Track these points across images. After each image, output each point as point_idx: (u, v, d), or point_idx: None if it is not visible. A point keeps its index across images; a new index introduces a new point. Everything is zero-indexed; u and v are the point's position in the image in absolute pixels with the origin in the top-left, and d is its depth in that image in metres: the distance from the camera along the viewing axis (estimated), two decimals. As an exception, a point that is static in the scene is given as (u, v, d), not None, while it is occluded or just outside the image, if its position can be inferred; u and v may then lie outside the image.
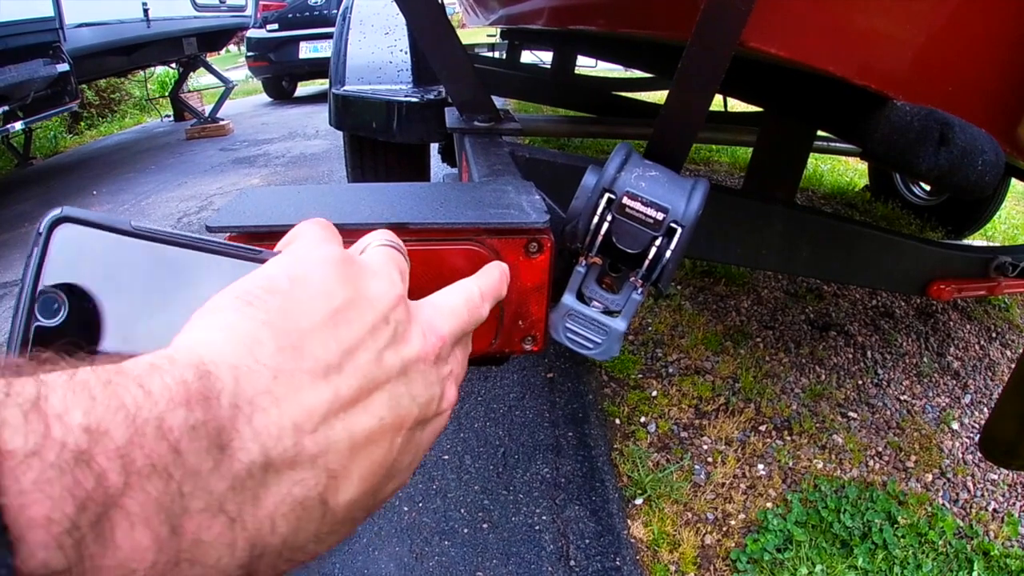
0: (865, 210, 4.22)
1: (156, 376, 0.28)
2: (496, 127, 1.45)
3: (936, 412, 2.39)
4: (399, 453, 0.40)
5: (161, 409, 0.27)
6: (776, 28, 0.98)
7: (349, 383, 0.36)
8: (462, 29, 8.87)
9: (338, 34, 2.47)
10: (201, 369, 0.30)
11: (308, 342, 0.36)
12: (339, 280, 0.40)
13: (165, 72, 10.05)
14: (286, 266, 0.39)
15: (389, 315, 0.41)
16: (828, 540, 1.82)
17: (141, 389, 0.27)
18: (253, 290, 0.37)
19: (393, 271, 0.45)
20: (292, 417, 0.33)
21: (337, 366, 0.36)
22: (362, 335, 0.39)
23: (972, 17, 1.01)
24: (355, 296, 0.40)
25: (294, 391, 0.34)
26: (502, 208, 0.82)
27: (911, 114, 1.05)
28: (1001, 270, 1.72)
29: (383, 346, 0.40)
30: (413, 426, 0.41)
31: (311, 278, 0.39)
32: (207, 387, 0.30)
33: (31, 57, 4.57)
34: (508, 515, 1.92)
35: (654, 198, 0.82)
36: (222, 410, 0.30)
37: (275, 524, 0.31)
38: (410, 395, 0.40)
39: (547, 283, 0.82)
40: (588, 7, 1.57)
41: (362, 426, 0.37)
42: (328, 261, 0.41)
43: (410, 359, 0.41)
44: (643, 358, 2.63)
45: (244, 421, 0.31)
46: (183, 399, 0.28)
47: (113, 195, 5.44)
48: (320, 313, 0.38)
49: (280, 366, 0.34)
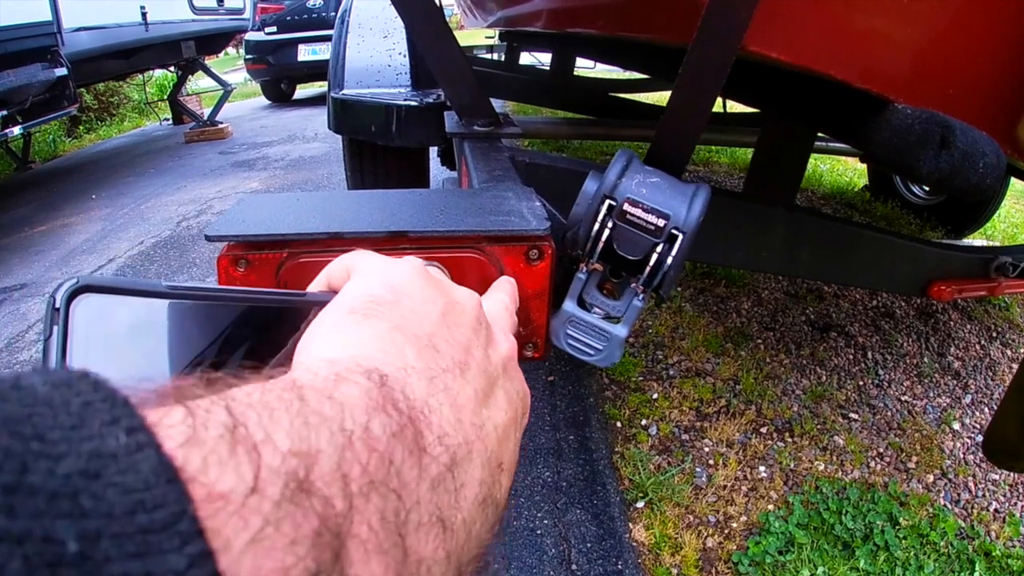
0: (865, 210, 4.21)
1: (344, 387, 0.27)
2: (496, 131, 1.45)
3: (937, 412, 2.39)
4: (515, 447, 0.40)
5: (363, 420, 0.26)
6: (777, 32, 0.98)
7: (478, 379, 0.37)
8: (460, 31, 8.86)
9: (336, 38, 2.47)
10: (375, 375, 0.29)
11: (438, 342, 0.36)
12: (433, 287, 0.41)
13: (164, 75, 10.05)
14: (379, 281, 0.40)
15: (481, 318, 0.43)
16: (830, 542, 1.82)
17: (334, 403, 0.26)
18: (364, 305, 0.37)
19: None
20: (456, 413, 0.33)
21: (465, 363, 0.37)
22: (469, 335, 0.40)
23: (972, 20, 1.01)
24: (451, 301, 0.41)
25: (448, 391, 0.34)
26: (502, 215, 0.81)
27: (912, 117, 1.05)
28: (1001, 270, 1.72)
29: (485, 344, 0.41)
30: (520, 419, 0.42)
31: (411, 287, 0.40)
32: (388, 392, 0.29)
33: (29, 61, 4.58)
34: (509, 519, 1.91)
35: (655, 204, 0.82)
36: (410, 412, 0.29)
37: (470, 526, 0.31)
38: (514, 390, 0.42)
39: (548, 290, 0.81)
40: (587, 10, 1.57)
41: (498, 419, 0.37)
42: (416, 271, 0.41)
43: (506, 355, 0.43)
44: (644, 360, 2.62)
45: (426, 423, 0.30)
46: (378, 405, 0.27)
47: (112, 199, 5.44)
48: (434, 316, 0.38)
49: (428, 367, 0.34)
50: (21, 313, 3.44)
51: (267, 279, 0.73)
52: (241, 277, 0.73)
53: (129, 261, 4.01)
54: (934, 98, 1.06)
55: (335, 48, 2.41)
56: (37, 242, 4.51)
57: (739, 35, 0.82)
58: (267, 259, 0.73)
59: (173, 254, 4.07)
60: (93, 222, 4.85)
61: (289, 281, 0.74)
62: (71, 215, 5.08)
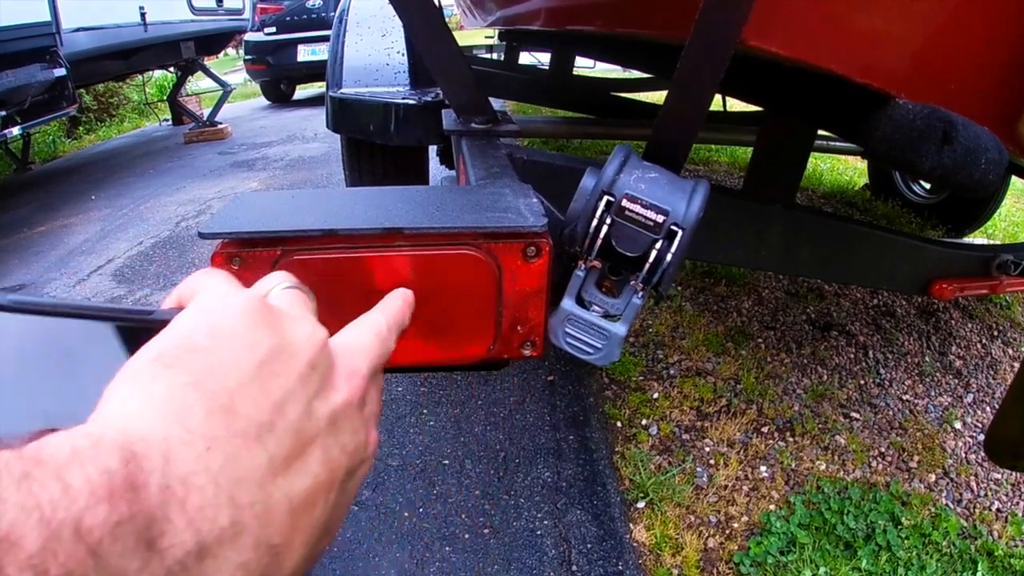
0: (865, 209, 4.21)
1: (77, 467, 0.25)
2: (493, 129, 1.44)
3: (939, 412, 2.38)
4: (333, 509, 0.38)
5: (80, 507, 0.24)
6: (777, 26, 0.97)
7: (282, 443, 0.34)
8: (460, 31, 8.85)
9: (335, 37, 2.47)
10: (127, 451, 0.27)
11: (239, 402, 0.33)
12: (261, 329, 0.38)
13: (163, 76, 10.05)
14: (202, 321, 0.37)
15: (316, 362, 0.39)
16: (832, 542, 1.81)
17: (60, 483, 0.24)
18: (171, 350, 0.34)
19: (308, 314, 0.43)
20: (228, 491, 0.30)
21: (269, 424, 0.34)
22: (291, 386, 0.36)
23: (973, 14, 1.00)
24: (281, 343, 0.38)
25: (229, 461, 0.31)
26: (499, 212, 0.81)
27: (913, 112, 1.04)
28: (1003, 268, 1.71)
29: (312, 396, 0.38)
30: (344, 477, 0.39)
31: (232, 329, 0.36)
32: (134, 473, 0.27)
33: (28, 62, 4.57)
34: (509, 520, 1.91)
35: (654, 200, 0.81)
36: (151, 498, 0.27)
37: None
38: (340, 445, 0.39)
39: (545, 287, 0.81)
40: (585, 7, 1.56)
41: (299, 487, 0.34)
42: (247, 310, 0.38)
43: (338, 407, 0.39)
44: (644, 360, 2.62)
45: (177, 507, 0.28)
46: (106, 492, 0.25)
47: (111, 200, 5.44)
48: (247, 367, 0.35)
49: (212, 433, 0.31)
50: (20, 314, 3.42)
51: (261, 276, 0.72)
52: (236, 274, 0.71)
53: (128, 261, 4.01)
54: (936, 93, 1.05)
55: (333, 47, 2.41)
56: (36, 243, 4.51)
57: (737, 29, 0.81)
58: (261, 256, 0.72)
59: (172, 254, 4.07)
60: (92, 223, 4.85)
61: None
62: (70, 216, 5.07)
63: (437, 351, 0.82)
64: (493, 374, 2.53)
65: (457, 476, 2.07)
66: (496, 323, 0.82)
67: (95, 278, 3.81)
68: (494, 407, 2.39)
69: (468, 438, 2.24)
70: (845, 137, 1.42)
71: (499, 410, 2.37)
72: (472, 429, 2.28)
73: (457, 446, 2.20)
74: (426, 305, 0.79)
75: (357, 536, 1.86)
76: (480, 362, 0.86)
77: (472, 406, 2.40)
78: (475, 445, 2.20)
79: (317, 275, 0.74)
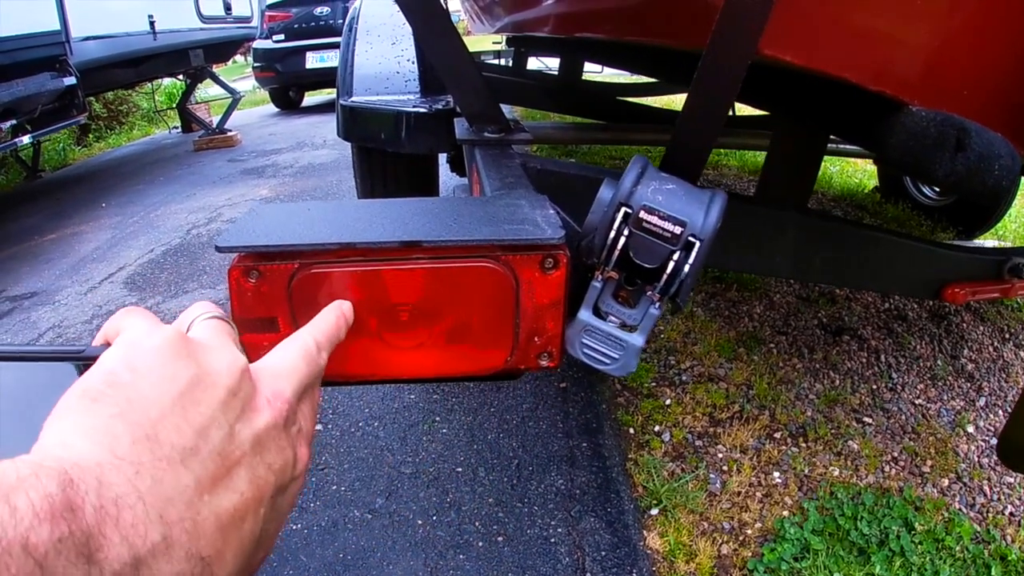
0: (875, 212, 4.20)
1: (22, 492, 0.28)
2: (506, 138, 1.45)
3: (951, 415, 2.37)
4: (265, 523, 0.40)
5: (26, 526, 0.27)
6: (791, 36, 0.97)
7: (207, 465, 0.37)
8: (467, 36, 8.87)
9: (345, 45, 2.47)
10: (64, 478, 0.30)
11: (161, 429, 0.36)
12: (180, 361, 0.40)
13: (172, 84, 10.11)
14: (122, 357, 0.39)
15: (236, 388, 0.42)
16: (845, 548, 1.81)
17: (7, 506, 0.27)
18: (96, 386, 0.37)
19: (228, 342, 0.46)
20: (158, 509, 0.33)
21: (193, 449, 0.37)
22: (213, 412, 0.39)
23: (987, 20, 1.00)
24: (199, 373, 0.40)
25: (156, 483, 0.34)
26: (516, 224, 0.81)
27: (927, 119, 1.04)
28: (1015, 272, 1.71)
29: (234, 420, 0.40)
30: (274, 494, 0.41)
31: (150, 365, 0.39)
32: (71, 496, 0.30)
33: (38, 71, 4.60)
34: (523, 527, 1.91)
35: (672, 212, 0.81)
36: (88, 517, 0.30)
37: None
38: (266, 465, 0.41)
39: (563, 299, 0.81)
40: (596, 14, 1.57)
41: (226, 505, 0.37)
42: (164, 345, 0.41)
43: (261, 429, 0.42)
44: (656, 366, 2.62)
45: (111, 524, 0.31)
46: (47, 514, 0.28)
47: (122, 207, 5.47)
48: (167, 398, 0.38)
49: (139, 458, 0.34)
50: (32, 321, 3.45)
51: (279, 290, 0.72)
52: (253, 288, 0.72)
53: (139, 269, 4.03)
54: (949, 100, 1.05)
55: (343, 55, 2.42)
56: (47, 250, 4.54)
57: (755, 39, 0.81)
58: (279, 270, 0.73)
59: (183, 262, 4.09)
60: (103, 230, 4.88)
61: (301, 293, 0.74)
62: (81, 223, 5.10)
63: (456, 362, 0.83)
64: (506, 382, 2.53)
65: (470, 484, 2.08)
66: (514, 334, 0.82)
67: (106, 286, 3.83)
68: (507, 414, 2.39)
69: (481, 446, 2.24)
70: (859, 144, 1.42)
71: (512, 417, 2.38)
72: (485, 437, 2.28)
73: (470, 454, 2.21)
74: (444, 317, 0.80)
75: (371, 544, 1.87)
76: (497, 373, 0.86)
77: (485, 413, 2.40)
78: (488, 453, 2.21)
79: (334, 288, 0.75)
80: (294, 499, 0.46)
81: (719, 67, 0.83)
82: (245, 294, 0.72)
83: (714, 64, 0.83)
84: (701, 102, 0.87)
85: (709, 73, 0.84)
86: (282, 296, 0.72)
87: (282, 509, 0.44)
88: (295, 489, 0.46)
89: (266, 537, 0.41)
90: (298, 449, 0.45)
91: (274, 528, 0.43)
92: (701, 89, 0.86)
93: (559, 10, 1.83)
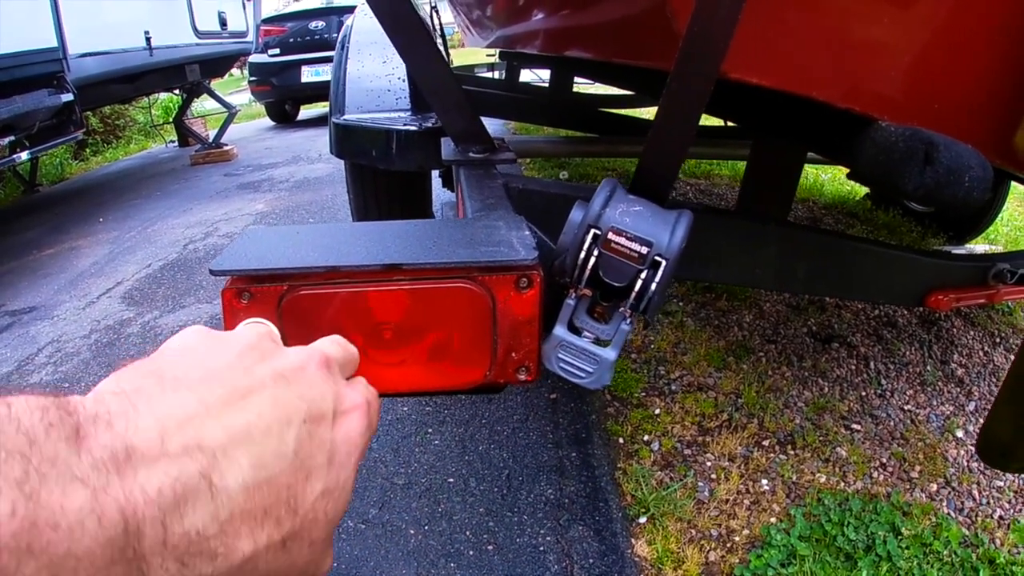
0: (867, 219, 4.23)
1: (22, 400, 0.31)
2: (490, 158, 1.47)
3: (940, 421, 2.39)
4: (299, 444, 0.40)
5: (18, 413, 0.30)
6: (757, 58, 1.00)
7: (216, 391, 0.38)
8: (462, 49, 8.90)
9: (337, 63, 2.50)
10: (62, 399, 0.32)
11: (169, 369, 0.39)
12: (209, 338, 0.44)
13: (169, 98, 10.13)
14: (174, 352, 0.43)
15: (257, 344, 0.45)
16: (832, 554, 1.83)
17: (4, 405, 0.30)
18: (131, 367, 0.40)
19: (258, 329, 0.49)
20: (155, 416, 0.35)
21: (199, 380, 0.39)
22: (229, 360, 0.42)
23: (954, 36, 1.03)
24: (223, 340, 0.44)
25: (154, 401, 0.36)
26: (492, 246, 0.84)
27: (896, 134, 1.06)
28: (1000, 277, 1.73)
29: (251, 364, 0.42)
30: (308, 420, 0.42)
31: (183, 342, 0.44)
32: (65, 403, 0.32)
33: (36, 87, 4.63)
34: (513, 536, 1.93)
35: (638, 233, 0.84)
36: (79, 416, 0.32)
37: (147, 493, 0.32)
38: (295, 394, 0.42)
39: (538, 316, 0.84)
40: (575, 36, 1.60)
41: (239, 421, 0.38)
42: (192, 332, 0.45)
43: (286, 367, 0.44)
44: (646, 376, 2.64)
45: (103, 425, 0.33)
46: (40, 409, 0.31)
47: (119, 222, 5.49)
48: (184, 355, 0.42)
49: (140, 385, 0.37)
50: (31, 336, 3.47)
51: (269, 310, 0.76)
52: (244, 309, 0.76)
53: (137, 284, 4.05)
54: (919, 114, 1.07)
55: (336, 73, 2.45)
56: (45, 265, 4.56)
57: (717, 63, 0.83)
58: (269, 292, 0.76)
59: (180, 277, 4.11)
60: (100, 245, 4.90)
61: (290, 313, 0.77)
62: (78, 238, 5.13)
63: (437, 378, 0.87)
64: (497, 394, 2.56)
65: (462, 494, 2.10)
66: (492, 350, 0.86)
67: (104, 301, 3.85)
68: (498, 425, 2.41)
69: (473, 456, 2.26)
70: (832, 159, 1.45)
71: (503, 428, 2.40)
72: (476, 448, 2.30)
73: (462, 464, 2.23)
74: (425, 335, 0.83)
75: (364, 554, 1.89)
76: (478, 387, 0.89)
77: (476, 425, 2.43)
78: (479, 463, 2.23)
79: (321, 309, 0.78)
80: (354, 438, 0.46)
81: (684, 91, 0.86)
82: (237, 314, 0.76)
83: (679, 88, 0.86)
84: (668, 124, 0.90)
85: (675, 96, 0.87)
86: (272, 316, 0.76)
87: (333, 442, 0.43)
88: (350, 427, 0.45)
89: (313, 465, 0.41)
90: (342, 389, 0.46)
91: (324, 459, 0.42)
92: (667, 112, 0.89)
93: (543, 29, 1.86)
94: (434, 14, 3.67)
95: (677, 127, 0.90)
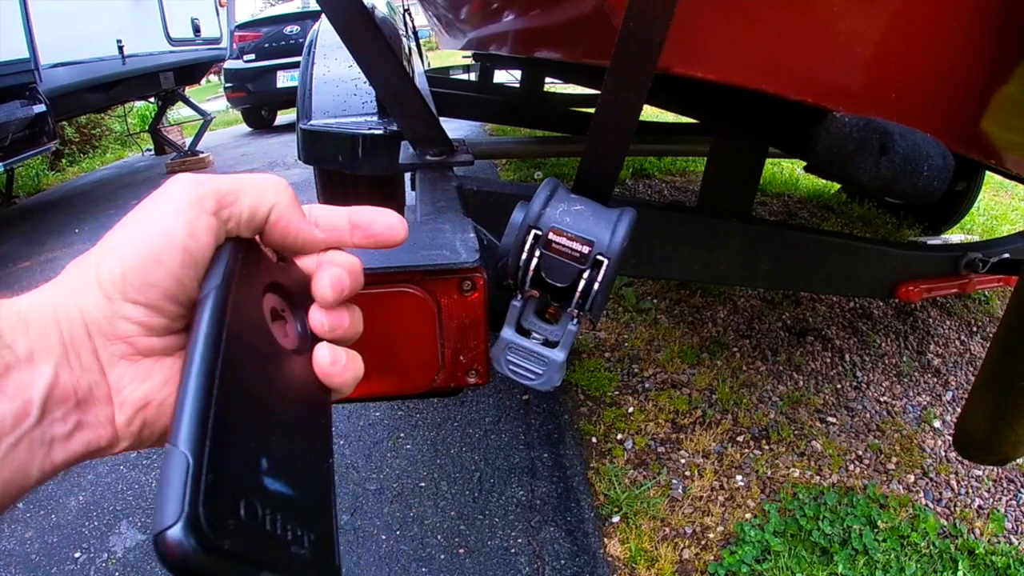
0: (842, 212, 4.23)
1: None
2: (446, 160, 1.46)
3: (917, 411, 2.40)
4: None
5: None
6: (701, 52, 0.99)
7: None
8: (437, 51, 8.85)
9: (303, 68, 2.48)
10: None
11: None
12: None
13: (145, 106, 10.06)
14: None
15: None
16: (807, 548, 1.83)
17: None
18: None
19: None
20: None
21: None
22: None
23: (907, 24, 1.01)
24: None
25: None
26: (435, 249, 0.83)
27: (849, 125, 1.05)
28: (972, 266, 1.73)
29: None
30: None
31: None
32: None
33: (7, 99, 4.58)
34: (484, 539, 1.92)
35: (579, 232, 0.83)
36: None
37: None
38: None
39: (483, 318, 0.83)
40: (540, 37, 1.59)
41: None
42: None
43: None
44: (619, 374, 2.63)
45: None
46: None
47: (95, 232, 5.44)
48: None
49: None
50: (3, 352, 3.43)
51: None
52: None
53: (111, 295, 4.01)
54: (876, 104, 1.06)
55: (302, 78, 2.42)
56: (21, 278, 4.52)
57: (654, 57, 0.82)
58: None
59: (155, 286, 4.06)
60: (76, 256, 4.83)
61: None
62: (55, 249, 5.08)
63: (385, 384, 0.85)
64: (469, 396, 2.55)
65: (433, 498, 2.09)
66: (439, 354, 0.84)
67: (78, 313, 3.80)
68: (470, 428, 2.40)
69: (444, 460, 2.25)
70: (789, 152, 1.44)
71: (474, 431, 2.39)
72: (448, 451, 2.29)
73: (433, 468, 2.22)
74: (372, 341, 0.82)
75: (336, 562, 1.87)
76: (430, 391, 0.88)
77: (448, 428, 2.42)
78: (451, 467, 2.22)
79: None
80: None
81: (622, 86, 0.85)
82: None
83: (617, 83, 0.85)
84: (606, 121, 0.89)
85: (612, 92, 0.86)
86: None
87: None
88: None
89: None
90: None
91: None
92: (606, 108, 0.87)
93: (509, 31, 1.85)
94: (407, 16, 3.66)
95: (617, 124, 0.88)
